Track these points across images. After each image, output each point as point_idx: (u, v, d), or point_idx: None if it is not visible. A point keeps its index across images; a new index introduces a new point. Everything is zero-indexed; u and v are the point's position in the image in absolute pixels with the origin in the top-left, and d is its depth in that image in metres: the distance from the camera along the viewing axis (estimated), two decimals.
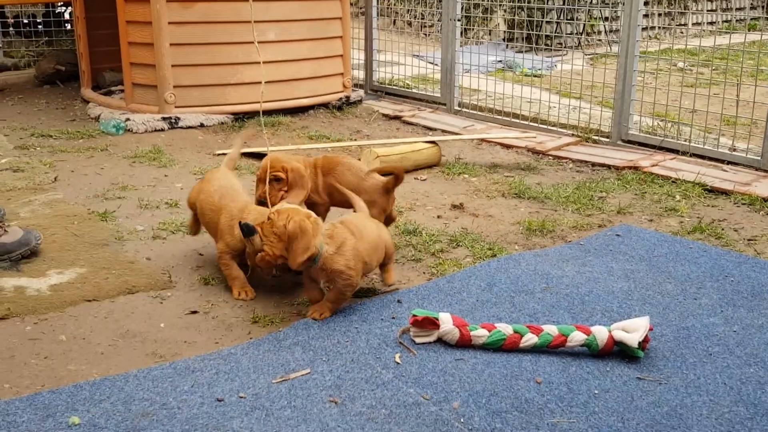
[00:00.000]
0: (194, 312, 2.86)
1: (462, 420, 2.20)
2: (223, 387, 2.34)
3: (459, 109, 6.38)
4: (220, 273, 3.12)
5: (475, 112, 6.26)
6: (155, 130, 5.64)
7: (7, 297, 2.95)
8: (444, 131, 5.80)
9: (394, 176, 3.31)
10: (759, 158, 4.61)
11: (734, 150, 4.83)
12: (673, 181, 4.46)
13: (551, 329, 2.57)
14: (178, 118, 5.72)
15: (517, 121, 5.91)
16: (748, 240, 3.64)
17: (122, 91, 6.38)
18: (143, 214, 3.89)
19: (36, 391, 2.30)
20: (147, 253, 3.41)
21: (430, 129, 5.91)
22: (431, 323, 2.60)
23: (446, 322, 2.59)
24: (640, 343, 2.50)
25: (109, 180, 4.48)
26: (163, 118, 5.70)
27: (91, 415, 2.18)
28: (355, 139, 5.57)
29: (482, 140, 5.56)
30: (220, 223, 3.06)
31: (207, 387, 2.34)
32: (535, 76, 7.47)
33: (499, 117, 6.03)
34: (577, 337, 2.54)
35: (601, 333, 2.54)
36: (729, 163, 4.72)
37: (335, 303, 2.82)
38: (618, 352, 2.56)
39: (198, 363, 2.48)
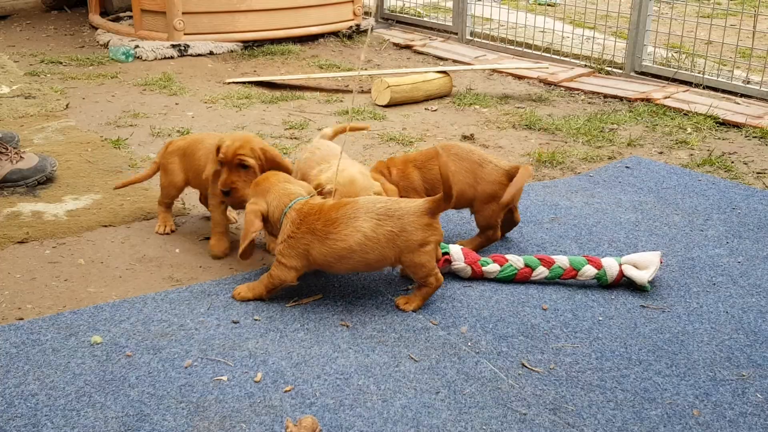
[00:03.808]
0: (208, 238, 2.92)
1: (469, 344, 2.27)
2: (239, 310, 2.42)
3: (471, 38, 6.30)
4: None
5: (486, 41, 6.18)
6: (165, 58, 5.62)
7: (25, 221, 3.01)
8: (455, 61, 5.75)
9: (523, 168, 2.74)
10: None
11: (748, 82, 4.79)
12: (685, 114, 4.44)
13: (562, 262, 2.60)
14: (188, 46, 5.68)
15: (530, 51, 5.84)
16: (758, 173, 3.65)
17: (130, 17, 6.31)
18: (155, 142, 3.92)
19: (58, 312, 2.39)
20: None
21: (441, 59, 5.85)
22: (446, 261, 2.64)
23: (458, 260, 2.62)
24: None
25: (121, 107, 4.49)
26: (173, 46, 5.66)
27: (113, 335, 2.27)
28: (366, 69, 5.54)
29: (494, 71, 5.51)
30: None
31: (223, 310, 2.42)
32: (549, 5, 7.34)
33: (511, 47, 5.96)
34: (588, 272, 2.58)
35: (611, 268, 2.57)
36: (742, 95, 4.68)
37: (261, 283, 2.46)
38: (625, 282, 2.61)
39: (213, 287, 2.55)
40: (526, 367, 2.16)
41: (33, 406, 1.96)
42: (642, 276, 2.54)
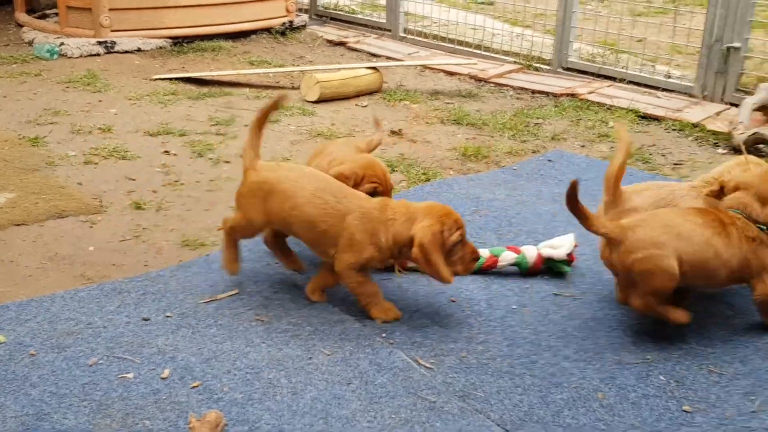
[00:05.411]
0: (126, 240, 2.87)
1: (383, 335, 2.27)
2: (150, 307, 2.38)
3: (404, 35, 6.32)
4: (154, 197, 3.12)
5: (420, 38, 6.21)
6: (90, 55, 5.48)
7: None
8: (388, 58, 5.76)
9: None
10: (692, 85, 4.70)
11: (669, 77, 4.91)
12: (608, 108, 4.54)
13: (483, 252, 2.64)
14: (114, 43, 5.57)
15: (462, 48, 5.89)
16: (674, 164, 3.75)
17: (57, 14, 6.15)
18: (75, 140, 3.83)
19: None
20: (78, 179, 3.37)
21: (375, 55, 5.86)
22: None
23: None
24: (567, 255, 2.62)
25: (42, 105, 4.38)
26: (99, 42, 5.53)
27: (17, 334, 2.20)
28: (298, 65, 5.51)
29: (425, 67, 5.54)
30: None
31: (134, 307, 2.37)
32: (485, 3, 7.42)
33: (444, 44, 6.00)
34: (507, 257, 2.64)
35: (530, 251, 2.65)
36: (664, 90, 4.81)
37: None
38: (545, 269, 2.65)
39: (126, 285, 2.50)
40: (438, 356, 2.18)
41: None
42: (560, 253, 2.62)
